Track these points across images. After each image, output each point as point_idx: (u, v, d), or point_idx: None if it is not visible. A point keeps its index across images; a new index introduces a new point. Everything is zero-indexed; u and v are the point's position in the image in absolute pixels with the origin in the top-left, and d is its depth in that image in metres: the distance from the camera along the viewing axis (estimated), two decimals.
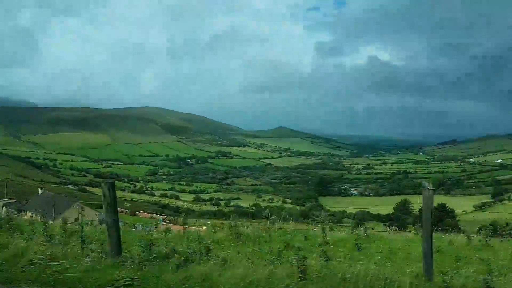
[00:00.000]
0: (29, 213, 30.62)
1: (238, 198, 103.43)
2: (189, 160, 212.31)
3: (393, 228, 33.31)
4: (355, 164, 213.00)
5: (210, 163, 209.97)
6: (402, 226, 40.31)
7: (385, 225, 43.64)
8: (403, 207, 59.41)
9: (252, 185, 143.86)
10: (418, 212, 48.71)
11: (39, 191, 43.80)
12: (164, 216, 45.55)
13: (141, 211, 46.41)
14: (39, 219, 17.02)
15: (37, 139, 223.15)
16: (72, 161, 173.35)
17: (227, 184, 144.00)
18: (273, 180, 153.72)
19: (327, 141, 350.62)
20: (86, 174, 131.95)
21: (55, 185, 77.07)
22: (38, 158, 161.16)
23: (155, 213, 42.78)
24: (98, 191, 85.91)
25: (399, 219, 51.58)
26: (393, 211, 61.64)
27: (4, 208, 34.36)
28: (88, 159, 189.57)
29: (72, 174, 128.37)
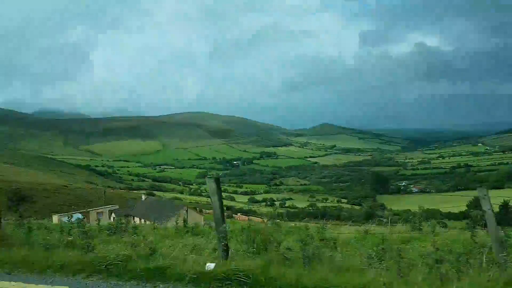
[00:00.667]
0: (136, 219, 31.53)
1: (291, 199, 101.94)
2: (235, 162, 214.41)
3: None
4: (409, 159, 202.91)
5: (256, 164, 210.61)
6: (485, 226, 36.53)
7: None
8: (478, 204, 54.29)
9: (301, 185, 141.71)
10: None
11: (143, 197, 46.00)
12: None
13: (238, 214, 45.95)
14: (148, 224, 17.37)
15: (93, 148, 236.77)
16: (128, 167, 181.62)
17: (276, 185, 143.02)
18: (322, 179, 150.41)
19: (375, 136, 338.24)
20: (144, 179, 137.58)
21: (123, 190, 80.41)
22: (97, 166, 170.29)
23: (253, 216, 41.75)
24: (164, 194, 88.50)
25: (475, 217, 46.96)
26: (466, 208, 56.77)
27: (113, 215, 36.00)
28: (141, 164, 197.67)
29: (132, 180, 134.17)
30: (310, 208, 73.19)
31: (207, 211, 43.04)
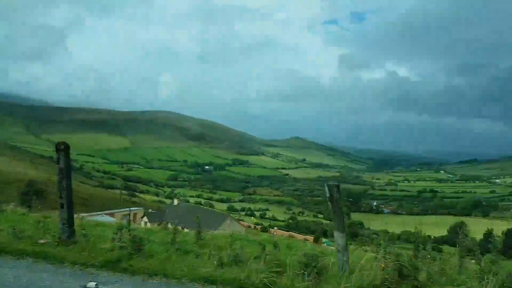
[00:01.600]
0: (169, 225, 28.88)
1: (267, 209, 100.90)
2: (206, 167, 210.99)
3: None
4: (376, 179, 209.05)
5: (228, 170, 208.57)
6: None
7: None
8: (459, 229, 56.15)
9: (275, 195, 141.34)
10: (482, 236, 45.80)
11: (175, 201, 43.67)
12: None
13: (275, 228, 43.64)
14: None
15: (56, 138, 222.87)
16: (93, 162, 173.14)
17: (249, 194, 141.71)
18: (295, 192, 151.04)
19: (343, 154, 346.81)
20: (113, 177, 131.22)
21: (100, 189, 75.82)
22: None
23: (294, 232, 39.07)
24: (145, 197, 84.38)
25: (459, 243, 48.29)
26: (447, 233, 58.79)
27: (145, 219, 33.13)
28: (108, 161, 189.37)
29: (102, 177, 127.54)
30: (291, 221, 72.64)
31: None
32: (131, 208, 37.57)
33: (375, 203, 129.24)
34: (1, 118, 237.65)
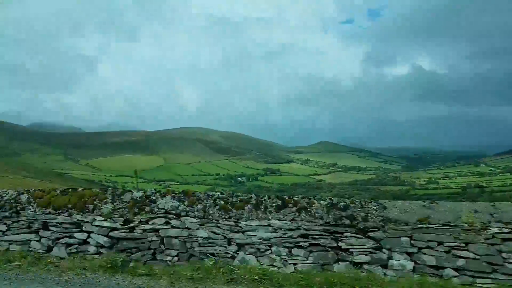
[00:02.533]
0: None
1: None
2: (239, 178, 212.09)
3: None
4: (415, 178, 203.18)
5: (260, 180, 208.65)
6: None
7: None
8: None
9: None
10: None
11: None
12: None
13: None
14: None
15: (93, 162, 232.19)
16: (132, 182, 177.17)
17: None
18: (334, 198, 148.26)
19: (374, 155, 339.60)
20: None
21: None
22: (101, 181, 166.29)
23: None
24: None
25: None
26: None
27: None
28: (145, 179, 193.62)
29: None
30: None
31: None
32: None
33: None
34: (39, 147, 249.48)
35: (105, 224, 6.80)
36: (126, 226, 6.76)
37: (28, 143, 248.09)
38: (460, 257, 5.79)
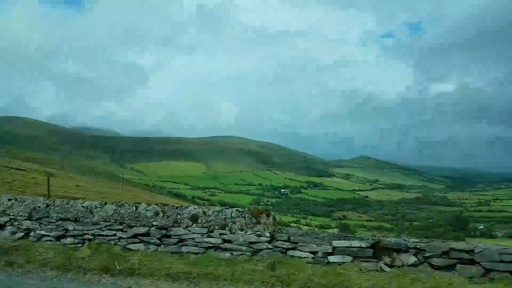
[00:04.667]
0: None
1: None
2: (282, 190, 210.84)
3: None
4: (463, 199, 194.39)
5: (304, 193, 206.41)
6: None
7: None
8: None
9: (367, 220, 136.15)
10: None
11: None
12: None
13: None
14: None
15: (140, 167, 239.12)
16: (178, 188, 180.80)
17: (340, 219, 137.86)
18: (385, 216, 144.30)
19: (417, 173, 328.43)
20: (204, 202, 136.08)
21: None
22: (152, 185, 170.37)
23: None
24: None
25: None
26: None
27: None
28: (190, 186, 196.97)
29: (204, 203, 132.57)
30: None
31: None
32: None
33: (481, 226, 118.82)
34: (88, 149, 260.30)
35: None
36: None
37: (77, 145, 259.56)
38: None
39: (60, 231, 7.50)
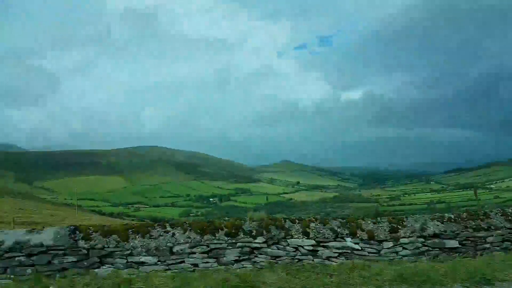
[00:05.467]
0: None
1: None
2: (211, 199, 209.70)
3: None
4: (376, 195, 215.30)
5: (233, 200, 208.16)
6: None
7: None
8: None
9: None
10: None
11: None
12: None
13: None
14: None
15: (51, 185, 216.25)
16: (98, 206, 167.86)
17: None
18: (316, 216, 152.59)
19: (333, 174, 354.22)
20: (132, 219, 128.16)
21: None
22: (66, 204, 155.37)
23: None
24: None
25: None
26: None
27: None
28: (111, 203, 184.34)
29: (133, 219, 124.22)
30: None
31: None
32: None
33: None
34: None
35: None
36: None
37: None
38: None
39: None
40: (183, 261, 8.09)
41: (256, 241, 8.48)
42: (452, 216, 9.50)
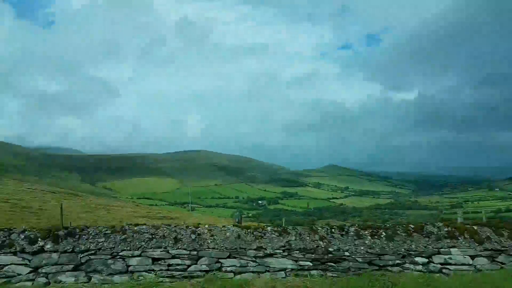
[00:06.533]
0: None
1: None
2: (260, 201, 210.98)
3: None
4: (435, 203, 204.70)
5: (281, 204, 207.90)
6: None
7: None
8: None
9: None
10: None
11: None
12: None
13: None
14: None
15: (112, 186, 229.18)
16: (156, 205, 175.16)
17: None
18: (366, 222, 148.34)
19: (383, 179, 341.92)
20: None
21: None
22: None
23: None
24: None
25: None
26: None
27: None
28: (167, 203, 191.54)
29: None
30: None
31: None
32: None
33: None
34: (54, 171, 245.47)
35: None
36: None
37: (43, 166, 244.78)
38: None
39: None
40: None
41: None
42: None
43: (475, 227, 9.77)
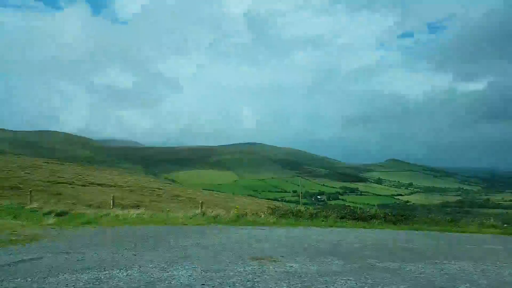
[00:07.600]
0: None
1: None
2: (319, 197, 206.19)
3: None
4: (509, 201, 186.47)
5: (342, 199, 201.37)
6: None
7: None
8: None
9: None
10: None
11: None
12: None
13: None
14: None
15: (173, 177, 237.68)
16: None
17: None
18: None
19: (449, 175, 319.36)
20: None
21: None
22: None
23: None
24: None
25: None
26: None
27: None
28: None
29: None
30: None
31: None
32: None
33: None
34: (118, 162, 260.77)
35: None
36: None
37: (108, 157, 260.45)
38: None
39: None
40: None
41: None
42: None
43: None
